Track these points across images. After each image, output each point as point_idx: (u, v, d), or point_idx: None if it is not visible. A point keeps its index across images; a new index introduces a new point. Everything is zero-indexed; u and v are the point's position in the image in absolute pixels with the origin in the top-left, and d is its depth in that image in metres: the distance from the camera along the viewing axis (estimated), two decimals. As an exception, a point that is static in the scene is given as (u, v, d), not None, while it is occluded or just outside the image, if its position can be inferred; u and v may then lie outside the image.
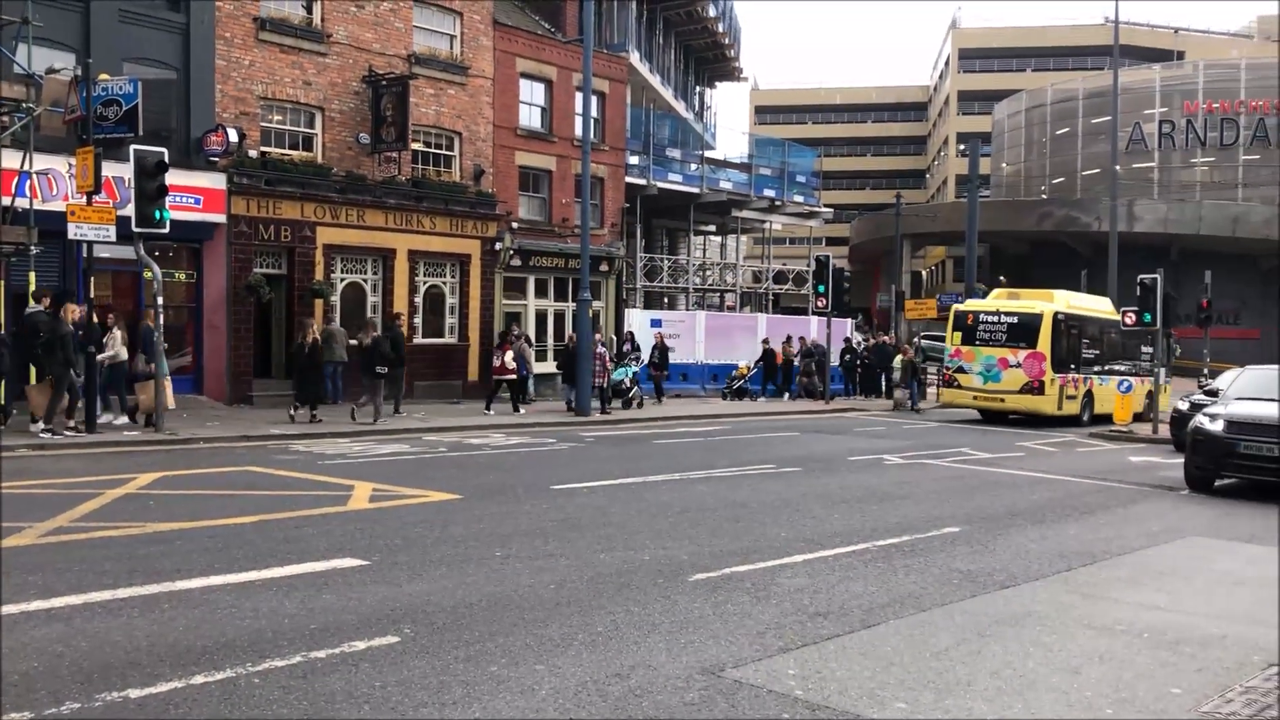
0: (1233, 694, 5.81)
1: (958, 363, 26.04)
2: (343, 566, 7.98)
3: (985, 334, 25.60)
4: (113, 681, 5.31)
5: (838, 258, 35.99)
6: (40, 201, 17.82)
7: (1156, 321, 22.59)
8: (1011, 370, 24.90)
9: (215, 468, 13.55)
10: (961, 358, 25.93)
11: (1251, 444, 13.47)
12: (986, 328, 25.62)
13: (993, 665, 6.15)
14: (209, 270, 22.19)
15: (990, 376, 25.32)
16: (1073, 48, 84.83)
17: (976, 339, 25.69)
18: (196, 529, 9.26)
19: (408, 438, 18.05)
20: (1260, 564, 9.58)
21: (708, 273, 43.33)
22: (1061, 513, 12.05)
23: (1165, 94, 65.23)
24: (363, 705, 5.12)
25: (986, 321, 25.70)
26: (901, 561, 8.93)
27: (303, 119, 24.15)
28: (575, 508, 11.09)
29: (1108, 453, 19.94)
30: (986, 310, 26.25)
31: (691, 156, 38.57)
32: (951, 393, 26.58)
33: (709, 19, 44.35)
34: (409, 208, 25.56)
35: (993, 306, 26.43)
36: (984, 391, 25.49)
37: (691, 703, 5.32)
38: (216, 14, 22.14)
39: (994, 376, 25.25)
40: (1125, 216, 52.18)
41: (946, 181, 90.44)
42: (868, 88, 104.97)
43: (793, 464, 15.73)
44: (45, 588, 7.03)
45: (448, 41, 26.97)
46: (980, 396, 25.65)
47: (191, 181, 21.14)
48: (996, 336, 25.40)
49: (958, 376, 26.06)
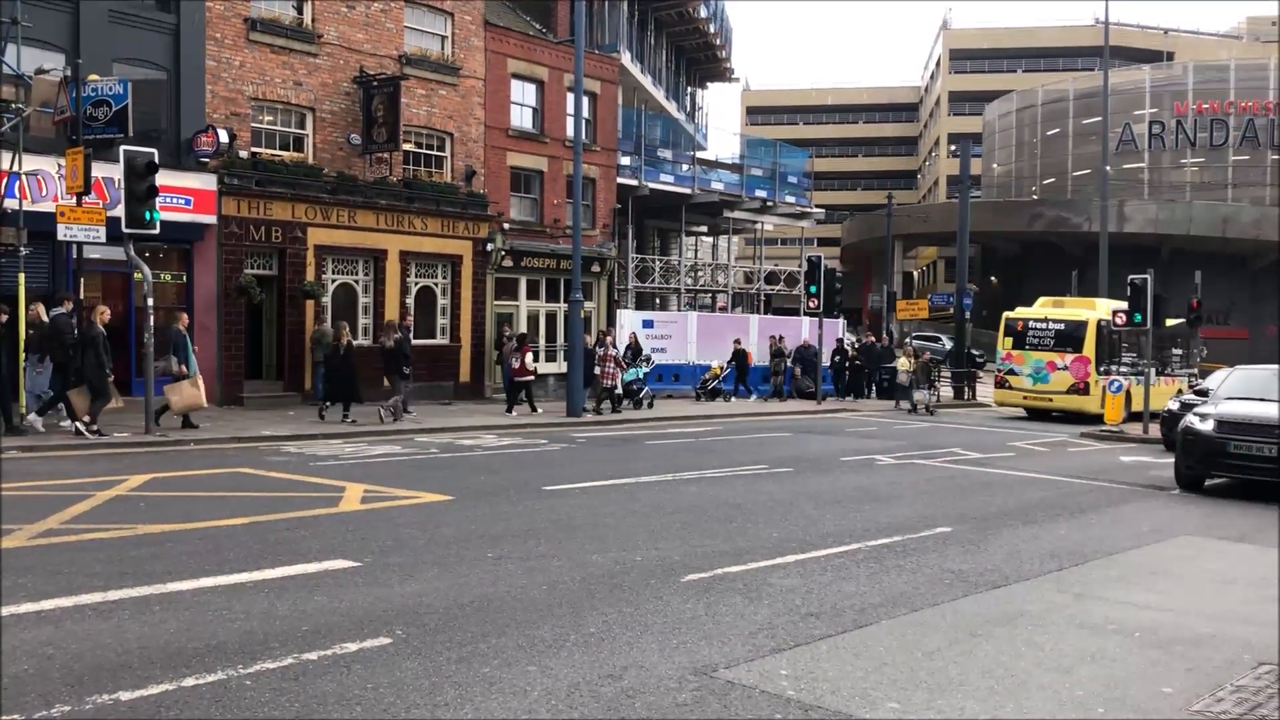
0: (1224, 693, 5.83)
1: (1009, 365, 28.22)
2: (334, 568, 7.97)
3: (1034, 339, 27.71)
4: (103, 684, 5.29)
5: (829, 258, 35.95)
6: (29, 202, 17.74)
7: (1147, 321, 23.05)
8: (1059, 372, 26.91)
9: (206, 469, 13.50)
10: (1012, 361, 28.12)
11: (1242, 444, 13.51)
12: (1035, 333, 27.77)
13: (984, 665, 6.16)
14: (199, 271, 22.13)
15: (1039, 378, 27.38)
16: (1063, 48, 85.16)
17: (1026, 344, 27.84)
18: (188, 530, 9.23)
19: (400, 439, 18.02)
20: (1250, 563, 9.61)
21: (699, 273, 43.32)
22: (1053, 513, 12.08)
23: (1155, 95, 65.45)
24: (355, 707, 5.11)
25: (1035, 328, 27.85)
26: (894, 562, 8.94)
27: (294, 120, 24.10)
28: (568, 509, 11.08)
29: (1099, 452, 19.99)
30: (1035, 318, 28.28)
31: (683, 157, 38.56)
32: (1002, 393, 28.58)
33: (700, 20, 44.37)
34: (400, 208, 25.51)
35: (1041, 314, 28.42)
36: (1033, 392, 27.57)
37: (684, 703, 5.32)
38: (207, 14, 22.07)
39: (1043, 378, 27.30)
40: (1116, 217, 52.39)
41: (938, 182, 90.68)
42: (859, 88, 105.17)
43: (785, 464, 15.74)
44: (36, 590, 6.99)
45: (439, 42, 26.94)
46: (1030, 396, 27.71)
47: (182, 182, 21.08)
48: (1045, 341, 27.52)
49: (1009, 378, 28.18)
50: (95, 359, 15.91)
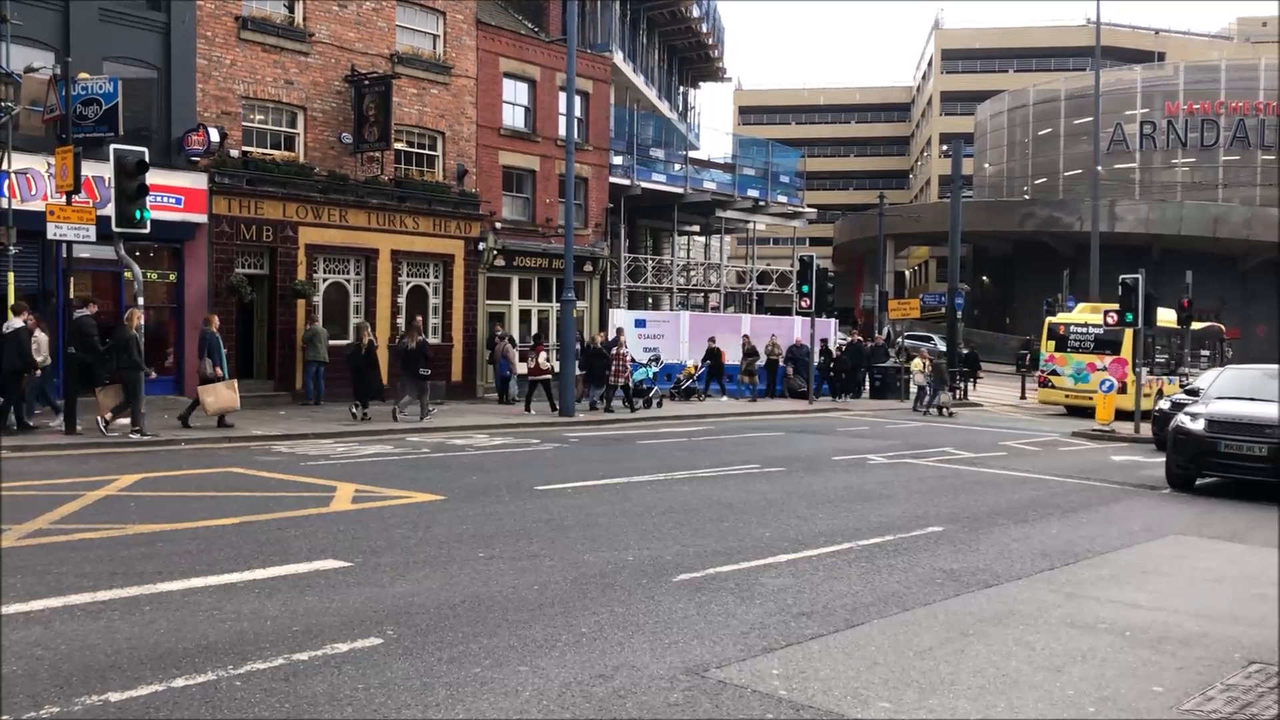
0: (1214, 691, 5.85)
1: (1051, 367, 30.67)
2: (325, 568, 7.95)
3: (1075, 342, 30.21)
4: (92, 684, 5.27)
5: (821, 258, 36.04)
6: (19, 201, 17.69)
7: (1138, 321, 23.23)
8: (1098, 373, 27.87)
9: (197, 469, 13.46)
10: (1055, 363, 30.53)
11: (1232, 443, 13.57)
12: (1076, 337, 30.24)
13: (976, 664, 6.17)
14: (190, 270, 22.06)
15: (1080, 379, 29.58)
16: (1054, 49, 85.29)
17: (1068, 347, 30.29)
18: (178, 530, 9.20)
19: (391, 438, 17.99)
20: (1241, 562, 9.64)
21: (692, 273, 43.34)
22: (1044, 512, 12.10)
23: (1146, 95, 65.58)
24: (345, 707, 5.09)
25: (1076, 332, 30.34)
26: (885, 561, 8.94)
27: (285, 118, 24.04)
28: (559, 508, 11.07)
29: (1090, 452, 20.04)
30: (1076, 323, 30.90)
31: (675, 157, 38.56)
32: (1046, 392, 31.06)
33: (692, 19, 44.37)
34: (392, 208, 25.47)
35: (1081, 319, 30.94)
36: (1075, 391, 29.68)
37: (675, 703, 5.32)
38: (198, 13, 22.00)
39: (1083, 378, 29.35)
40: (1107, 217, 52.49)
41: (930, 182, 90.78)
42: (851, 88, 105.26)
43: (777, 464, 15.75)
44: (25, 590, 6.97)
45: (430, 41, 26.89)
46: (1071, 395, 29.86)
47: (172, 181, 21.02)
48: (1085, 345, 29.95)
49: (1052, 379, 30.62)
50: (129, 360, 16.15)
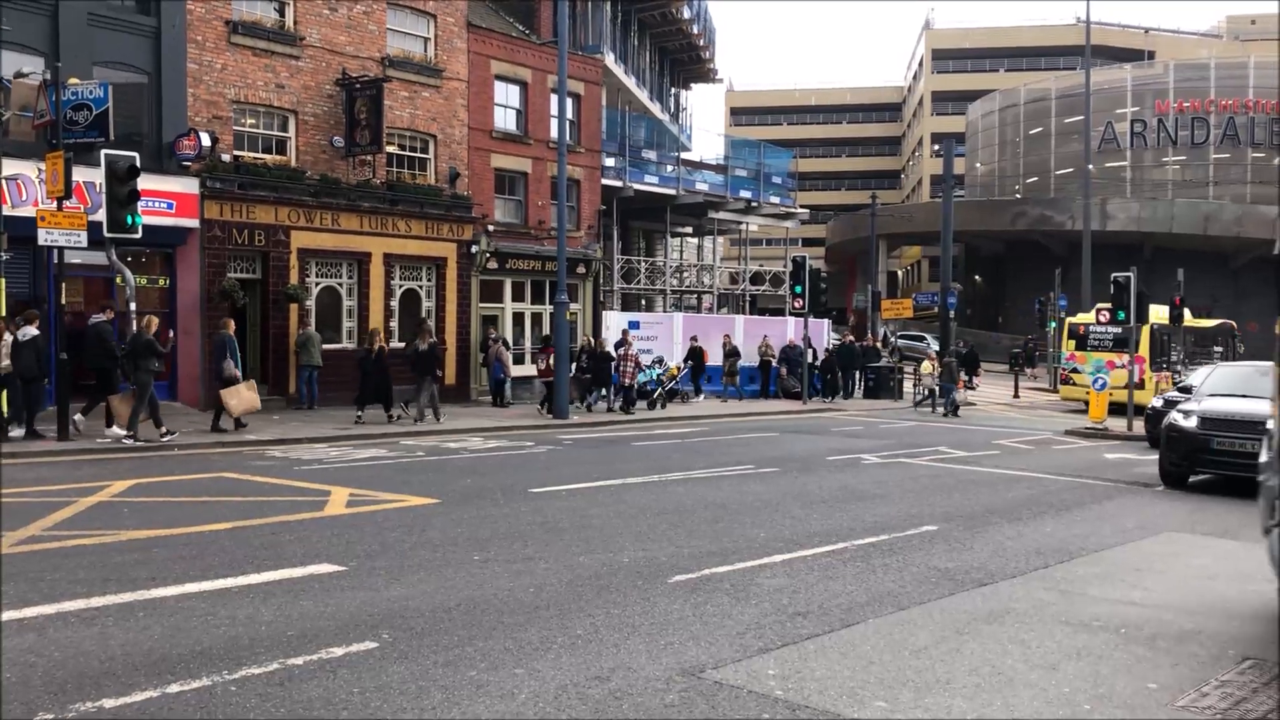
0: (1209, 688, 5.86)
1: (1072, 365, 31.96)
2: (320, 572, 7.93)
3: (1095, 341, 31.35)
4: (87, 691, 5.25)
5: (814, 258, 36.04)
6: (10, 207, 17.62)
7: (1130, 318, 23.29)
8: (1117, 370, 28.48)
9: (190, 474, 13.43)
10: (1075, 361, 31.77)
11: (1225, 440, 13.59)
12: (1096, 336, 31.30)
13: (971, 663, 6.17)
14: (182, 275, 22.01)
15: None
16: (1045, 48, 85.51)
17: (1088, 345, 31.47)
18: (172, 536, 9.18)
19: (385, 442, 17.96)
20: (1235, 559, 9.66)
21: (685, 274, 43.35)
22: (1038, 510, 12.12)
23: (1137, 94, 65.75)
24: (341, 712, 5.08)
25: (1095, 331, 31.32)
26: (880, 560, 8.95)
27: (276, 122, 24.00)
28: (554, 511, 11.06)
29: (1084, 449, 20.08)
30: (1095, 322, 31.56)
31: (667, 158, 38.59)
32: (1067, 389, 32.29)
33: (683, 21, 44.41)
34: (384, 211, 25.43)
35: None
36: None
37: (671, 704, 5.31)
38: (188, 17, 21.95)
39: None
40: (1099, 215, 52.63)
41: (921, 182, 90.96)
42: (842, 89, 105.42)
43: (771, 464, 15.75)
44: (18, 597, 6.94)
45: (421, 44, 26.87)
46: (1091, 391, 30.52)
47: (164, 186, 20.97)
48: (1104, 343, 30.92)
49: (1073, 376, 31.76)
50: (146, 365, 16.21)
